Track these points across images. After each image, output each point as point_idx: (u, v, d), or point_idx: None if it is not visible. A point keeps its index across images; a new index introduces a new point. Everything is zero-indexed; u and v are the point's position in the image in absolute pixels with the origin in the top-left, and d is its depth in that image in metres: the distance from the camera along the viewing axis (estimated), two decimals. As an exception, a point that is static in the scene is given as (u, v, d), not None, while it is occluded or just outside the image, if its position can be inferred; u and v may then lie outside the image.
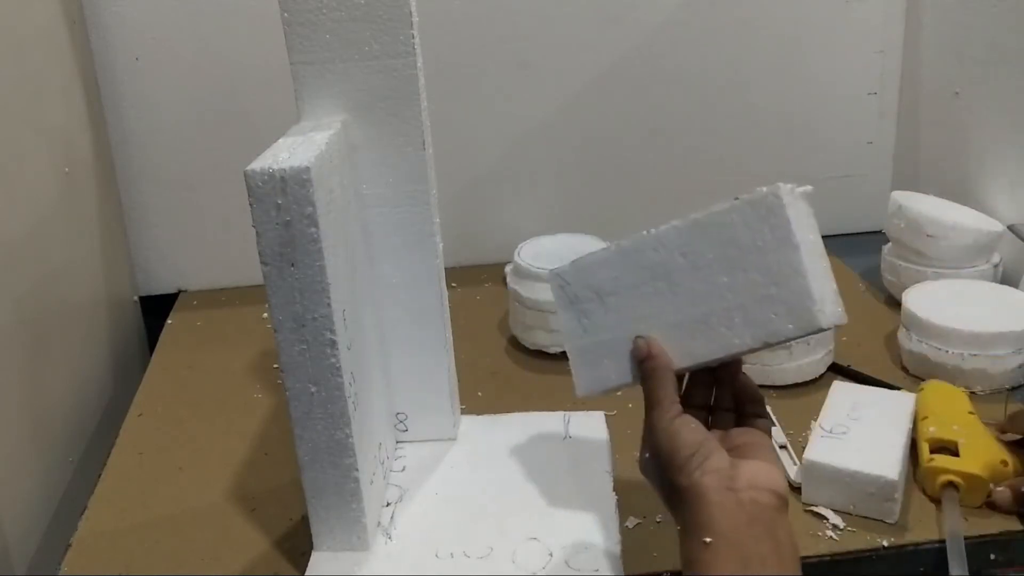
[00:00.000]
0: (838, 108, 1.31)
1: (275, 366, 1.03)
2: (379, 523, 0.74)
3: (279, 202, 0.61)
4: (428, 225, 0.76)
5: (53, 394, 0.94)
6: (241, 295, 1.23)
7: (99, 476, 0.86)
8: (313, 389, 0.66)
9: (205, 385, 1.02)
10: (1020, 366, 0.90)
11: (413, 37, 0.70)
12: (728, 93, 1.28)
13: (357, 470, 0.68)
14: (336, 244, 0.65)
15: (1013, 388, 0.91)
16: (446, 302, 0.79)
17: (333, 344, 0.64)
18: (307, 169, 0.60)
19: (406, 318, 0.79)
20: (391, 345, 0.80)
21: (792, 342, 0.90)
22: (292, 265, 0.63)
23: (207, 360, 1.07)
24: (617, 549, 0.70)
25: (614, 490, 0.78)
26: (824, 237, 0.61)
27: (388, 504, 0.77)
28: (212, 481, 0.84)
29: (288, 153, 0.63)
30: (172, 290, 1.27)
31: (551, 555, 0.70)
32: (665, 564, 0.70)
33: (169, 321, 1.19)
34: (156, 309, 1.24)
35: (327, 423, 0.67)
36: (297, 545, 0.74)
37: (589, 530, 0.72)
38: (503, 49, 1.22)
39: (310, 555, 0.72)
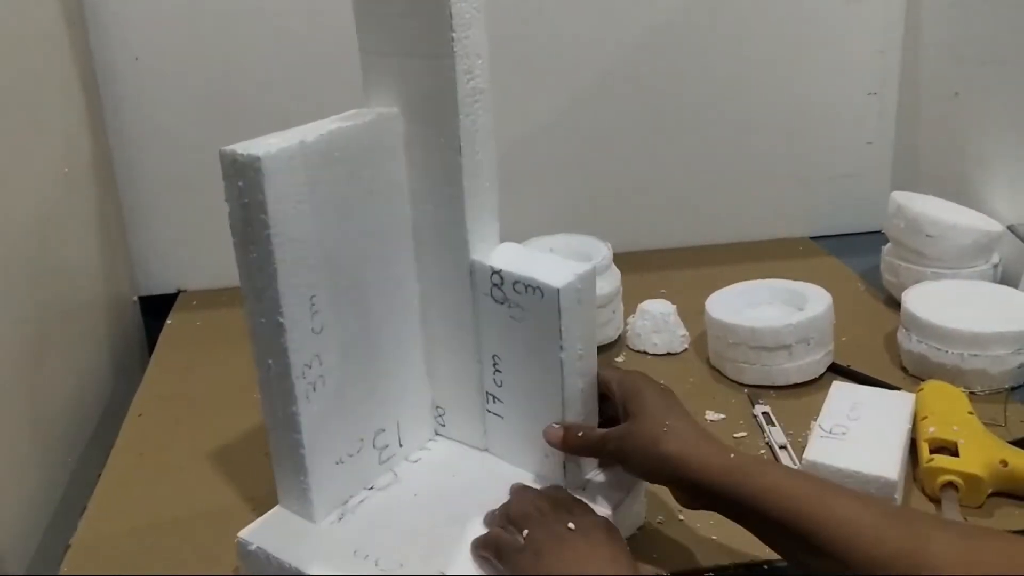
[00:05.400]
0: (838, 108, 1.31)
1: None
2: (346, 501, 0.74)
3: (240, 184, 0.63)
4: (462, 229, 0.74)
5: (53, 394, 0.94)
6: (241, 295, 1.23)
7: (99, 476, 0.86)
8: (270, 362, 0.68)
9: (205, 385, 1.02)
10: (1020, 366, 0.90)
11: (452, 40, 0.69)
12: (728, 93, 1.28)
13: (303, 447, 0.69)
14: (305, 232, 0.66)
15: (1013, 388, 0.91)
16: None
17: (280, 326, 0.66)
18: (258, 159, 0.62)
19: (442, 314, 0.78)
20: (431, 340, 0.80)
21: (792, 342, 0.91)
22: (251, 243, 0.65)
23: (207, 360, 1.07)
24: (618, 549, 0.70)
25: (614, 490, 0.78)
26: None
27: (372, 488, 0.76)
28: (212, 481, 0.84)
29: (275, 140, 0.64)
30: (172, 290, 1.27)
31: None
32: (667, 564, 0.70)
33: (169, 321, 1.19)
34: (156, 309, 1.24)
35: (281, 398, 0.69)
36: (297, 545, 0.74)
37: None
38: (503, 49, 1.21)
39: None
